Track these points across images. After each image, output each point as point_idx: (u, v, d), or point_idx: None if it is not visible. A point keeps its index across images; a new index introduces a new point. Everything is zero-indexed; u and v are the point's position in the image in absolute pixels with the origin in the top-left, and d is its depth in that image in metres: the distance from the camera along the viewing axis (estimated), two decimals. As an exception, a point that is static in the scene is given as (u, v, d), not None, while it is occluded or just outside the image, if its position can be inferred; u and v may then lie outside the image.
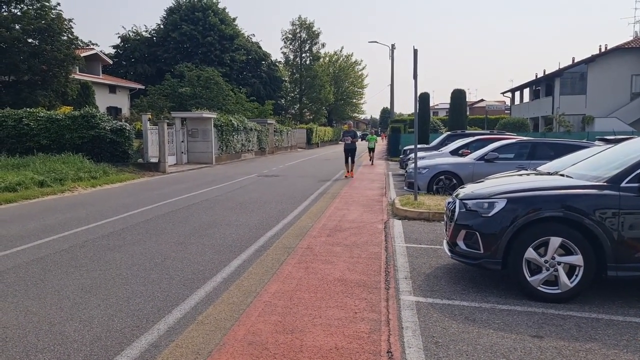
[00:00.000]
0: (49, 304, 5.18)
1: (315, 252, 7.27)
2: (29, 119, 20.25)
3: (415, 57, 11.55)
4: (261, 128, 38.95)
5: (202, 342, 4.22)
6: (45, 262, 6.83)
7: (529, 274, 5.17)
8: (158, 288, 5.68)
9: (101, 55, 40.27)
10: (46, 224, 9.67)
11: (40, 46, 26.09)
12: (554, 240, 5.06)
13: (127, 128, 21.62)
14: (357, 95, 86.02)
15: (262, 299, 5.28)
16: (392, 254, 7.19)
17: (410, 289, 5.61)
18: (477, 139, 16.81)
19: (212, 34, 56.13)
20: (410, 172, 13.15)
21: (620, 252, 4.98)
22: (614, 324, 4.58)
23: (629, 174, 5.15)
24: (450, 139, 20.94)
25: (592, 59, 37.90)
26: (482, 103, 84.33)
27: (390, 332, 4.39)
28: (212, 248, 7.61)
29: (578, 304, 5.05)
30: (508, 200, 5.37)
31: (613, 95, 37.45)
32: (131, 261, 6.85)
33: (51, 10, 26.80)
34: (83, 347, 4.15)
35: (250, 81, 58.69)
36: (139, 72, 54.00)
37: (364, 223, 9.61)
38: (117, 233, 8.78)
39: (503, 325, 4.55)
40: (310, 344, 4.16)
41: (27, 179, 14.59)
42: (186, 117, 28.06)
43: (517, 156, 12.64)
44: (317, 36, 70.18)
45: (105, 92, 39.03)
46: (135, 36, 57.79)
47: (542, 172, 6.94)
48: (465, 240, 5.61)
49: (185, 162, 26.97)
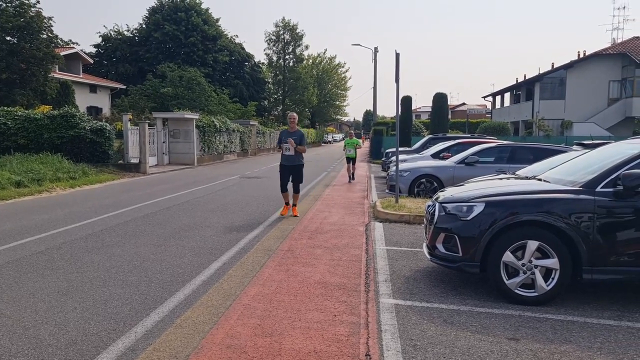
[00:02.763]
0: (23, 307, 5.09)
1: (296, 255, 7.26)
2: (6, 117, 19.90)
3: (397, 60, 11.62)
4: (244, 129, 38.81)
5: (180, 346, 4.18)
6: (20, 264, 6.72)
7: (506, 277, 5.23)
8: (136, 291, 5.62)
9: (82, 54, 39.78)
10: (22, 225, 9.51)
11: (18, 44, 25.67)
12: (531, 244, 5.13)
13: (108, 128, 21.38)
14: (340, 98, 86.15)
15: (241, 301, 5.26)
16: (373, 256, 7.22)
17: (389, 291, 5.63)
18: (458, 143, 16.96)
19: (195, 34, 55.75)
20: (392, 175, 13.21)
21: (595, 256, 5.07)
22: (588, 326, 4.65)
23: (604, 179, 5.24)
24: (431, 142, 21.06)
25: (571, 64, 38.53)
26: (463, 106, 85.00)
27: (369, 335, 4.40)
28: (192, 250, 7.56)
29: (554, 307, 5.12)
30: (486, 204, 5.43)
31: (591, 101, 38.11)
32: (109, 263, 6.77)
33: (30, 7, 26.39)
34: (58, 351, 4.09)
35: (233, 82, 58.43)
36: (121, 71, 53.42)
37: (345, 225, 9.63)
38: (96, 235, 8.66)
39: (480, 327, 4.59)
40: (289, 347, 4.15)
41: (4, 179, 14.33)
42: (168, 117, 27.86)
43: (497, 160, 12.78)
44: (301, 38, 70.20)
45: (85, 92, 38.55)
46: (117, 35, 57.17)
47: (520, 176, 7.02)
48: (445, 243, 5.66)
49: (166, 163, 26.76)
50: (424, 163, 14.47)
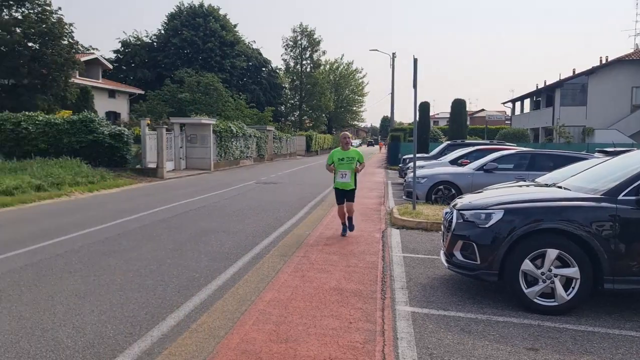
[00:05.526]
0: (42, 309, 5.14)
1: (312, 261, 7.24)
2: (27, 122, 20.25)
3: (415, 66, 11.58)
4: (260, 135, 38.96)
5: (196, 350, 4.18)
6: (39, 267, 6.80)
7: (525, 286, 5.14)
8: (153, 295, 5.64)
9: (101, 60, 40.30)
10: (42, 228, 9.63)
11: (40, 50, 26.13)
12: (550, 252, 5.05)
13: (126, 133, 21.62)
14: (357, 103, 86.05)
15: (256, 307, 5.25)
16: (389, 263, 7.16)
17: (406, 299, 5.58)
18: (477, 149, 16.81)
19: (213, 40, 56.24)
20: (409, 181, 13.13)
21: (617, 265, 4.97)
22: (609, 337, 4.55)
23: (626, 187, 5.14)
24: (449, 149, 20.94)
25: (593, 70, 38.00)
26: (482, 113, 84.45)
27: (385, 343, 4.36)
28: (208, 255, 7.58)
29: (574, 317, 5.02)
30: (505, 212, 5.36)
31: (613, 107, 37.51)
32: (126, 267, 6.82)
33: (52, 14, 26.86)
34: (75, 353, 4.12)
35: (250, 87, 58.76)
36: (139, 77, 54.05)
37: (361, 232, 9.58)
38: (113, 238, 8.74)
39: (498, 337, 4.52)
40: (304, 354, 4.12)
41: (25, 183, 14.55)
42: (185, 122, 28.07)
43: (517, 167, 12.63)
44: (318, 43, 70.30)
45: (104, 97, 39.03)
46: (136, 41, 57.87)
47: (540, 184, 6.93)
48: (462, 251, 5.59)
49: (183, 167, 26.94)
50: (441, 170, 14.35)
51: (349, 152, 9.14)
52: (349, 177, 9.06)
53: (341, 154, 9.16)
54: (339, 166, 9.08)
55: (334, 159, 9.18)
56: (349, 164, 9.04)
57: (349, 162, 9.05)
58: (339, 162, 9.10)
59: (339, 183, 9.16)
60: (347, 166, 9.04)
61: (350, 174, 9.06)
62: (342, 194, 9.21)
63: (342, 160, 9.09)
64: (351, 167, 9.04)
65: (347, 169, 9.05)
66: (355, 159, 9.09)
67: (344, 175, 9.05)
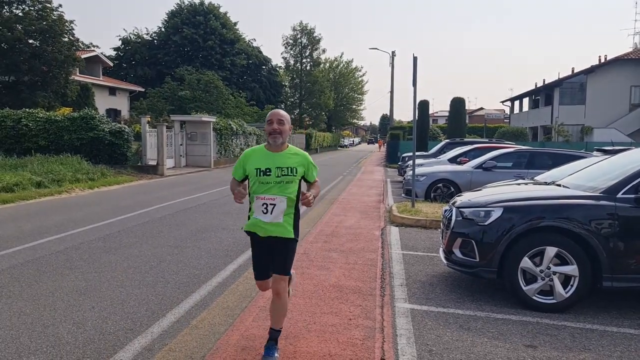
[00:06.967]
0: (42, 305, 5.16)
1: (311, 258, 7.26)
2: (27, 119, 20.28)
3: (415, 64, 11.59)
4: (260, 132, 38.92)
5: (196, 347, 4.20)
6: (40, 263, 6.81)
7: (524, 283, 5.17)
8: (153, 291, 5.67)
9: (102, 57, 40.30)
10: (42, 225, 9.65)
11: (41, 47, 26.16)
12: (549, 250, 5.07)
13: (126, 130, 21.64)
14: (357, 102, 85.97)
15: (257, 303, 5.27)
16: (388, 261, 7.19)
17: (405, 296, 5.60)
18: (476, 147, 16.81)
19: (213, 37, 56.24)
20: (409, 179, 13.15)
21: (615, 263, 4.98)
22: (608, 334, 4.58)
23: (625, 185, 5.16)
24: (448, 147, 20.94)
25: (592, 69, 37.99)
26: (481, 111, 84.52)
27: (384, 340, 4.38)
28: (208, 252, 7.60)
29: (573, 314, 5.04)
30: (504, 209, 5.38)
31: (612, 106, 37.50)
32: (126, 264, 6.84)
33: (53, 11, 26.89)
34: (75, 349, 4.14)
35: (250, 85, 58.78)
36: (139, 74, 54.07)
37: (360, 229, 9.61)
38: (113, 235, 8.76)
39: (497, 334, 4.54)
40: (304, 350, 4.14)
41: (25, 179, 14.58)
42: (185, 120, 28.07)
43: (515, 165, 12.66)
44: (318, 42, 70.25)
45: (105, 94, 39.04)
46: (136, 39, 57.88)
47: (539, 182, 6.95)
48: (461, 248, 5.61)
49: (183, 165, 26.96)
50: (440, 168, 14.38)
51: (283, 157, 3.95)
52: (280, 211, 3.85)
53: (265, 160, 3.93)
54: (258, 187, 3.90)
55: (246, 168, 3.99)
56: (281, 185, 3.86)
57: (283, 180, 3.87)
58: (260, 177, 3.89)
59: (256, 223, 3.94)
60: (279, 188, 3.86)
61: (284, 204, 3.86)
62: (264, 253, 4.06)
63: (268, 173, 3.88)
64: (287, 191, 3.88)
65: (277, 194, 3.86)
66: (299, 173, 3.96)
67: (268, 207, 3.86)
